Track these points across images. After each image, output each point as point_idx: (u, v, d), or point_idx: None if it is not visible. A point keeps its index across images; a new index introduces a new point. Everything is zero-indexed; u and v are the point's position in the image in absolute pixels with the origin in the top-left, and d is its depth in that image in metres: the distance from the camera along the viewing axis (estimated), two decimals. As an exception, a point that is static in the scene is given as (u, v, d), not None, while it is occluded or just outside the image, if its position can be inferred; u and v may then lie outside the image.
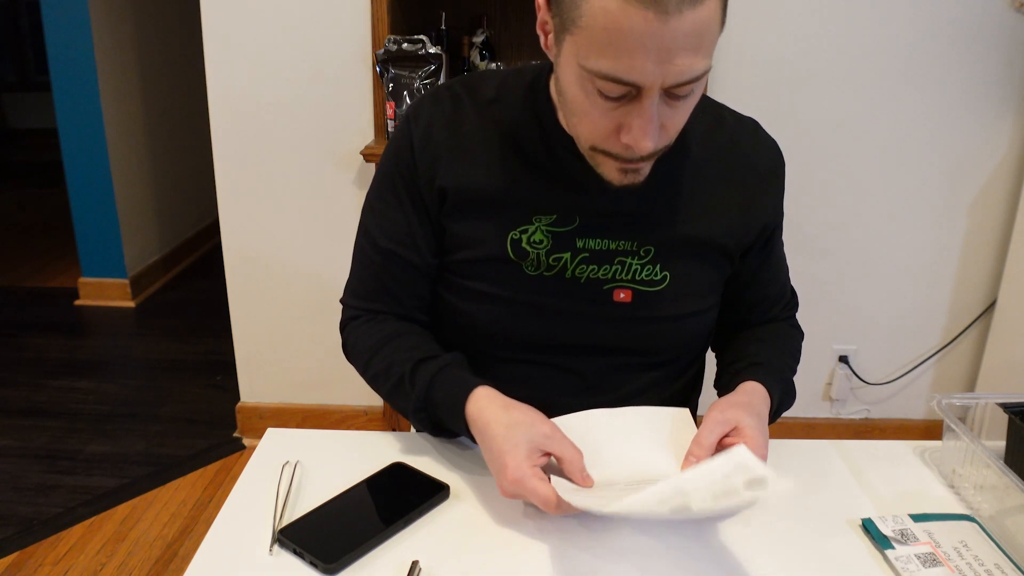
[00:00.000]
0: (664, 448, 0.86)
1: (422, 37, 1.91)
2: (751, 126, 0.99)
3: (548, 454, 0.80)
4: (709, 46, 0.72)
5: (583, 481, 0.78)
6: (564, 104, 0.82)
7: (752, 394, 0.89)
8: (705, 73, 0.74)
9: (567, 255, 0.91)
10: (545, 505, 0.75)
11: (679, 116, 0.79)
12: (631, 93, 0.74)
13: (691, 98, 0.78)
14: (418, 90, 1.93)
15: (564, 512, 0.76)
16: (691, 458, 0.81)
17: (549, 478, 0.77)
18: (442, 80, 1.95)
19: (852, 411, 2.36)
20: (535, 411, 0.83)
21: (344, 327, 1.02)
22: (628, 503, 0.69)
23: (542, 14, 0.80)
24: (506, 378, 0.90)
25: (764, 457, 0.80)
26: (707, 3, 0.69)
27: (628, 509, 0.69)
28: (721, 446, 0.82)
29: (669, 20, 0.68)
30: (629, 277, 0.93)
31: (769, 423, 0.90)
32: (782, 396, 0.94)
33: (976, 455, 0.84)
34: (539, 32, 0.82)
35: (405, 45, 1.91)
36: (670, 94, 0.75)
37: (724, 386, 0.96)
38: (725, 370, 1.00)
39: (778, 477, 0.70)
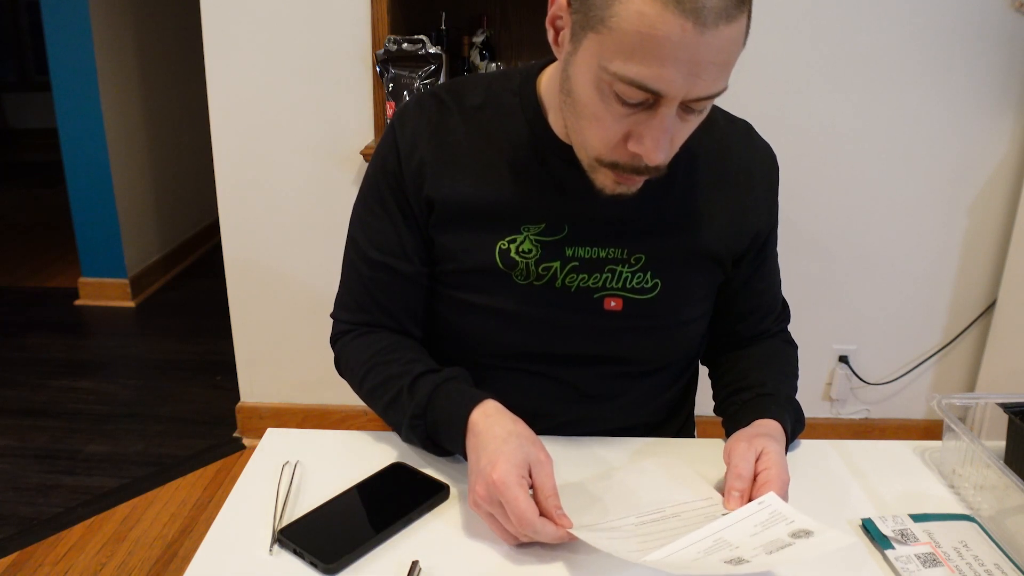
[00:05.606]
0: (666, 485, 0.85)
1: (422, 37, 1.91)
2: (744, 128, 0.98)
3: (531, 483, 0.76)
4: (732, 65, 0.72)
5: (558, 520, 0.73)
6: (572, 105, 0.79)
7: (768, 427, 0.87)
8: (723, 91, 0.73)
9: (556, 264, 0.90)
10: (519, 519, 0.71)
11: (687, 131, 0.78)
12: (649, 102, 0.72)
13: (702, 114, 0.77)
14: (418, 90, 1.93)
15: (526, 539, 0.73)
16: (734, 492, 0.78)
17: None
18: (442, 80, 1.95)
19: (852, 411, 2.36)
20: (537, 437, 0.80)
21: (335, 342, 1.01)
22: (665, 556, 0.68)
23: (556, 8, 0.77)
24: (501, 389, 0.88)
25: (788, 479, 0.79)
26: (739, 21, 0.69)
27: (668, 562, 0.68)
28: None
29: (705, 33, 0.67)
30: (620, 285, 0.91)
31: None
32: (794, 425, 0.93)
33: (976, 455, 0.84)
34: (548, 27, 0.79)
35: (405, 45, 1.91)
36: (686, 108, 0.74)
37: (732, 416, 0.94)
38: (730, 399, 0.97)
39: (824, 527, 0.71)
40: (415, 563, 0.73)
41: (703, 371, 1.10)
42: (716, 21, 0.67)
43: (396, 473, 0.87)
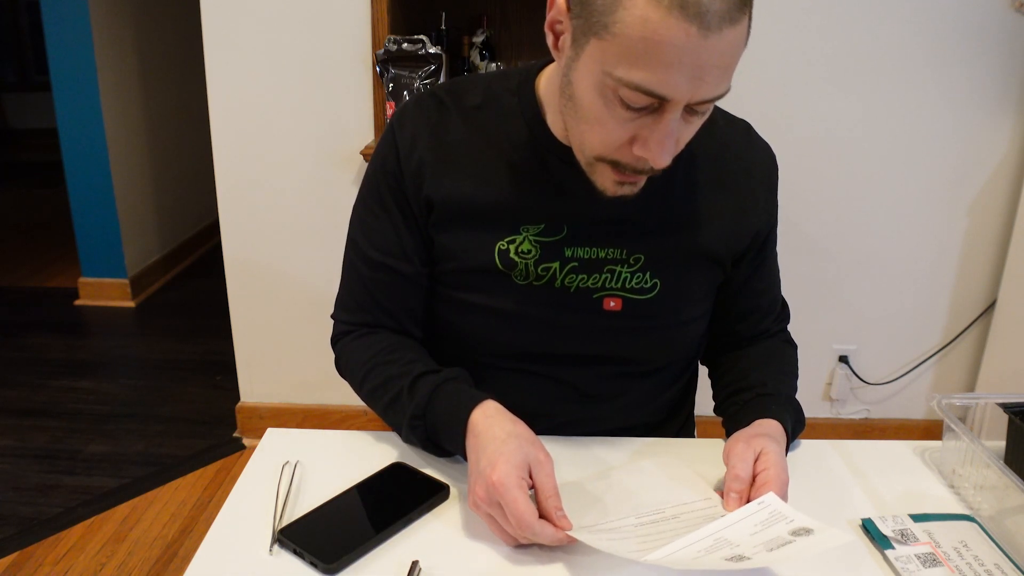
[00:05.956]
0: (665, 485, 0.85)
1: (422, 37, 1.91)
2: (743, 128, 0.97)
3: (531, 484, 0.76)
4: (735, 67, 0.72)
5: (559, 522, 0.73)
6: (573, 109, 0.78)
7: (769, 427, 0.87)
8: (727, 93, 0.73)
9: (556, 264, 0.90)
10: (518, 522, 0.71)
11: (690, 132, 0.78)
12: (653, 106, 0.72)
13: (705, 116, 0.77)
14: (418, 90, 1.93)
15: (526, 541, 0.74)
16: (732, 494, 0.79)
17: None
18: (442, 80, 1.95)
19: (852, 411, 2.36)
20: (537, 437, 0.80)
21: (335, 342, 1.01)
22: (665, 555, 0.68)
23: (555, 13, 0.77)
24: (500, 389, 0.88)
25: (787, 479, 0.79)
26: (741, 24, 0.69)
27: (669, 559, 0.68)
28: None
29: (709, 37, 0.67)
30: (619, 285, 0.91)
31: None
32: (794, 424, 0.93)
33: (976, 455, 0.84)
34: (547, 31, 0.79)
35: (405, 45, 1.91)
36: (690, 110, 0.74)
37: (732, 416, 0.94)
38: (731, 399, 0.97)
39: (824, 525, 0.71)
40: (415, 563, 0.73)
41: (703, 371, 1.10)
42: (720, 25, 0.67)
43: (396, 473, 0.87)
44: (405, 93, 1.94)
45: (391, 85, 1.95)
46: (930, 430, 2.35)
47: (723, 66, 0.70)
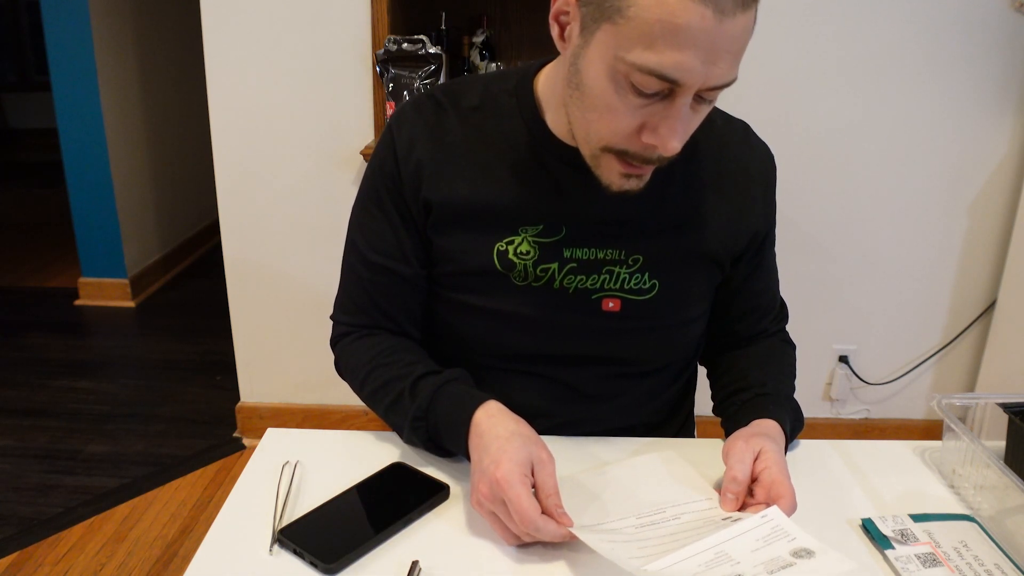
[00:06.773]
0: (666, 483, 0.85)
1: (422, 37, 1.91)
2: (741, 128, 0.97)
3: (533, 483, 0.76)
4: (743, 55, 0.73)
5: (560, 519, 0.73)
6: (580, 99, 0.78)
7: (767, 427, 0.87)
8: (735, 80, 0.74)
9: (554, 265, 0.90)
10: (521, 518, 0.72)
11: (697, 120, 0.78)
12: (665, 92, 0.73)
13: (712, 104, 0.78)
14: (418, 90, 1.93)
15: (528, 538, 0.74)
16: (728, 495, 0.79)
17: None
18: (442, 80, 1.95)
19: (852, 411, 2.36)
20: (540, 437, 0.81)
21: (335, 344, 1.01)
22: (665, 568, 0.68)
23: (560, 3, 0.77)
24: (500, 390, 0.88)
25: (787, 479, 0.79)
26: (752, 9, 0.70)
27: (668, 573, 0.68)
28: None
29: (724, 21, 0.68)
30: (617, 286, 0.91)
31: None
32: (793, 424, 0.93)
33: (976, 455, 0.84)
34: (552, 22, 0.79)
35: (405, 45, 1.91)
36: (699, 97, 0.74)
37: (731, 416, 0.94)
38: (729, 399, 0.97)
39: (825, 546, 0.71)
40: (415, 563, 0.73)
41: (702, 371, 1.10)
42: (734, 10, 0.68)
43: (396, 473, 0.87)
44: (405, 93, 1.94)
45: (391, 85, 1.95)
46: (930, 430, 2.34)
47: (734, 51, 0.71)
